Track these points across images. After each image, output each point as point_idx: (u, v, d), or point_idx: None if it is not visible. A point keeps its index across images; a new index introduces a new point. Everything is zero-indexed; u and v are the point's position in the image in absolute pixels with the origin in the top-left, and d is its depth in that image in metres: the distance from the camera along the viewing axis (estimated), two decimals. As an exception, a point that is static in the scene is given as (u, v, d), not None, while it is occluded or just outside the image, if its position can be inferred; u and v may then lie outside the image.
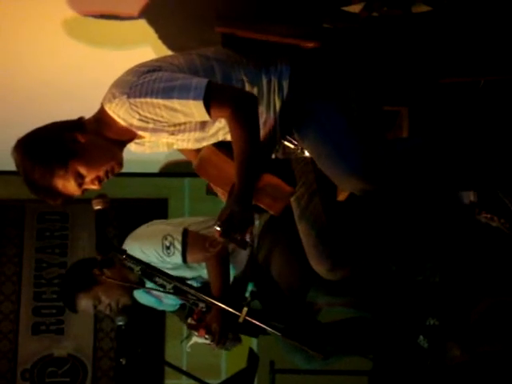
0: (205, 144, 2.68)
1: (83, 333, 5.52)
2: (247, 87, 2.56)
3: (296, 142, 2.68)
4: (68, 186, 2.49)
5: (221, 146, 2.71)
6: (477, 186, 2.73)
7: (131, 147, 2.65)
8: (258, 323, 2.42)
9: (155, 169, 5.32)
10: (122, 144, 2.57)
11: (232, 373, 2.90)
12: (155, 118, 2.45)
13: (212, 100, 2.41)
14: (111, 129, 2.52)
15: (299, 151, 2.71)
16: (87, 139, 2.49)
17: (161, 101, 2.40)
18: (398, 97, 3.25)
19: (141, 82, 2.42)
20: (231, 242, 2.36)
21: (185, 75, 2.47)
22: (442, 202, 2.94)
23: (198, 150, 2.78)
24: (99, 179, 2.53)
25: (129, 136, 2.55)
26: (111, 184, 2.41)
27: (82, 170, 2.48)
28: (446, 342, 3.02)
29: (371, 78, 2.88)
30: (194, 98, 2.39)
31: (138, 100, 2.41)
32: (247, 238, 2.37)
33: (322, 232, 2.86)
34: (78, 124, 2.52)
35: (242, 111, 2.44)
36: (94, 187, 2.54)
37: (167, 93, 2.40)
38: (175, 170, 5.26)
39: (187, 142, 2.63)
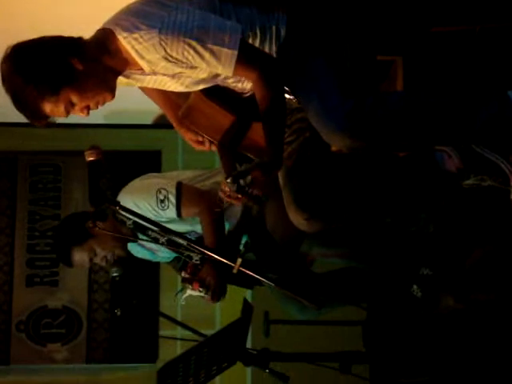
0: (201, 87, 2.64)
1: (78, 284, 5.52)
2: (258, 31, 2.53)
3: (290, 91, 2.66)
4: (56, 111, 2.41)
5: (210, 94, 2.67)
6: (462, 141, 2.73)
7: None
8: (252, 274, 2.42)
9: (148, 120, 5.28)
10: (118, 73, 2.50)
11: (226, 323, 2.90)
12: (179, 58, 2.38)
13: (243, 55, 2.39)
14: (113, 57, 2.44)
15: (294, 101, 2.70)
16: (85, 67, 2.39)
17: (193, 42, 2.34)
18: (393, 46, 3.22)
19: (173, 19, 2.35)
20: (247, 197, 2.28)
21: (216, 16, 2.42)
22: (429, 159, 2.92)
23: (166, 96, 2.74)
24: (88, 108, 2.46)
25: (128, 66, 2.48)
26: (104, 136, 2.40)
27: (75, 99, 2.41)
28: (439, 292, 3.03)
29: (365, 28, 2.85)
30: (229, 47, 2.37)
31: (169, 37, 2.33)
32: (258, 193, 2.30)
33: (302, 181, 2.84)
34: (78, 46, 2.42)
35: (270, 75, 2.43)
36: (82, 115, 2.48)
37: (202, 34, 2.35)
38: (168, 121, 5.23)
39: (183, 80, 2.57)
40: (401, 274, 3.25)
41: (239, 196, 2.24)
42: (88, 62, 2.41)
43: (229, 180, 2.23)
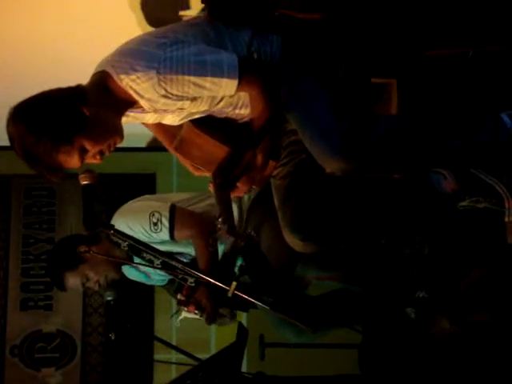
0: (196, 116, 2.64)
1: (72, 308, 5.51)
2: (254, 55, 2.55)
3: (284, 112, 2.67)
4: (70, 160, 2.41)
5: (203, 125, 2.67)
6: (456, 164, 2.74)
7: None
8: (247, 297, 2.41)
9: (142, 143, 5.28)
10: (122, 114, 2.51)
11: (221, 347, 2.89)
12: (180, 94, 2.40)
13: (243, 77, 2.41)
14: (114, 99, 2.44)
15: (288, 123, 2.70)
16: (91, 112, 2.39)
17: (192, 78, 2.36)
18: (387, 69, 3.24)
19: (169, 57, 2.35)
20: (237, 237, 2.31)
21: (210, 48, 2.44)
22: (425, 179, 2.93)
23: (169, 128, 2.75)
24: (101, 153, 2.46)
25: (129, 106, 2.49)
26: (98, 159, 2.42)
27: (87, 145, 2.40)
28: (435, 314, 3.03)
29: (360, 50, 2.86)
30: (229, 77, 2.39)
31: (168, 76, 2.34)
32: (252, 233, 2.34)
33: (297, 202, 2.83)
34: (79, 94, 2.41)
35: (269, 88, 2.49)
36: (96, 161, 2.48)
37: (200, 70, 2.36)
38: (162, 144, 5.24)
39: (179, 113, 2.58)
40: (396, 297, 3.24)
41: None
42: (93, 107, 2.40)
43: (219, 219, 2.26)
